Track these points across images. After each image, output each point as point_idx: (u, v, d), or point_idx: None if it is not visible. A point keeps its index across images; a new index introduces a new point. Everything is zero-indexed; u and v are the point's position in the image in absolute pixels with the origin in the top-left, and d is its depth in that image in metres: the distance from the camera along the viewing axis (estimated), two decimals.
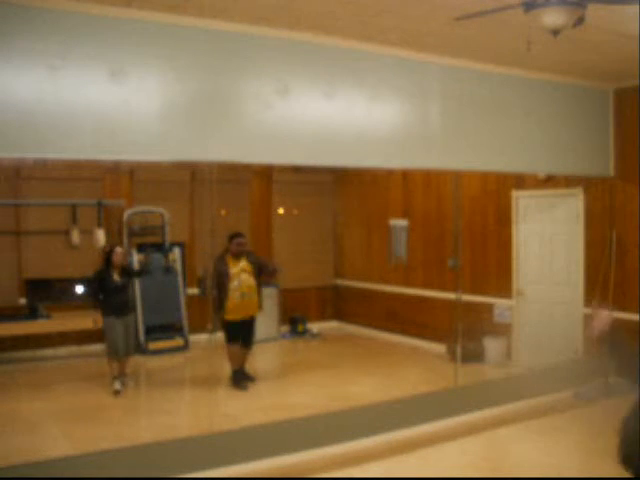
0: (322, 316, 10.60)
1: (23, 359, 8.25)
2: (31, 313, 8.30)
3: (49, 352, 8.53)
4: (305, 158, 5.14)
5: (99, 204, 8.60)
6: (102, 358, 7.31)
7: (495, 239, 8.09)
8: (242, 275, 6.98)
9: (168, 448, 4.55)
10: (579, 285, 7.22)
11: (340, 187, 10.68)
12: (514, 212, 7.82)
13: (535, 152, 6.28)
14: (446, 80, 5.69)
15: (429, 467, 4.93)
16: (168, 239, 9.13)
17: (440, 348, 8.48)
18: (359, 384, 7.20)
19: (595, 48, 5.38)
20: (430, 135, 5.62)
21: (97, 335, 8.20)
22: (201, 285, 7.27)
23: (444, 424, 5.66)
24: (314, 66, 5.02)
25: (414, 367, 8.01)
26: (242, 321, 6.99)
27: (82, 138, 4.09)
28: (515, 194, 7.81)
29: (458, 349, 7.23)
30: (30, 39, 3.90)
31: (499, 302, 7.96)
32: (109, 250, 7.03)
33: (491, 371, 7.69)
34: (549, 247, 7.54)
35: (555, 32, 3.76)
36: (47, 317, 8.25)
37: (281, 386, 7.38)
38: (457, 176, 7.27)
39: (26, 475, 4.02)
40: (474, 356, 7.82)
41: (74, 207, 8.57)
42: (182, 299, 9.07)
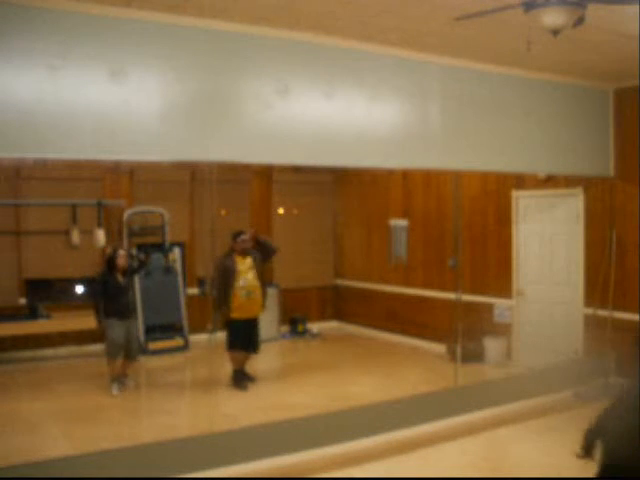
0: (322, 316, 10.60)
1: (23, 359, 8.25)
2: (31, 313, 8.30)
3: (49, 352, 8.53)
4: (305, 158, 5.14)
5: (99, 204, 8.60)
6: (102, 358, 7.30)
7: (495, 239, 8.09)
8: (248, 274, 6.98)
9: (168, 448, 4.55)
10: (579, 285, 7.22)
11: (340, 187, 10.68)
12: (514, 212, 7.81)
13: (535, 152, 6.28)
14: (446, 80, 5.69)
15: (429, 467, 4.93)
16: (168, 239, 9.13)
17: (440, 348, 8.48)
18: (359, 384, 7.20)
19: (595, 48, 5.38)
20: (430, 135, 5.62)
21: (97, 335, 8.21)
22: (202, 285, 7.25)
23: (444, 424, 5.66)
24: (314, 66, 5.02)
25: (414, 367, 8.01)
26: (246, 321, 6.99)
27: (82, 138, 4.09)
28: (515, 194, 7.81)
29: (458, 349, 7.23)
30: (30, 39, 3.90)
31: (499, 302, 7.96)
32: (112, 253, 7.03)
33: (491, 371, 7.68)
34: (549, 247, 7.54)
35: (555, 32, 3.76)
36: (47, 317, 8.25)
37: (281, 386, 7.38)
38: (457, 176, 7.27)
39: (26, 475, 4.02)
40: (474, 356, 7.82)
41: (74, 207, 8.56)
42: (182, 299, 9.06)
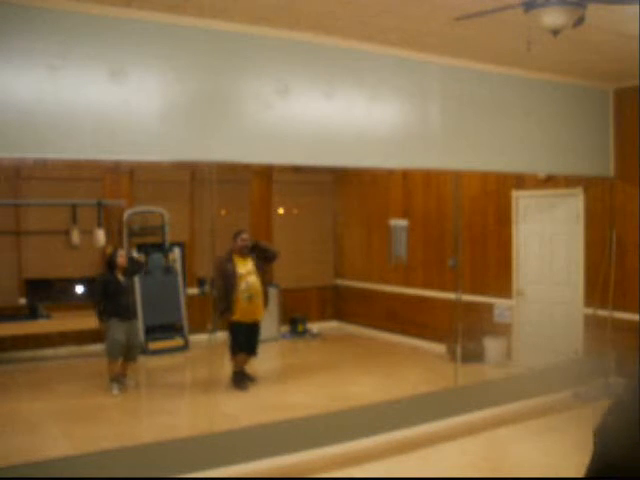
0: (322, 316, 10.60)
1: (23, 359, 8.25)
2: (31, 313, 8.30)
3: (49, 352, 8.52)
4: (305, 158, 5.14)
5: (99, 204, 8.60)
6: (102, 358, 7.30)
7: (495, 239, 8.09)
8: (250, 277, 6.97)
9: (168, 448, 4.55)
10: (579, 285, 7.22)
11: (340, 187, 10.68)
12: (514, 212, 7.82)
13: (535, 152, 6.28)
14: (446, 80, 5.69)
15: (429, 467, 4.93)
16: (168, 239, 9.13)
17: (440, 348, 8.48)
18: (359, 384, 7.20)
19: (595, 48, 5.38)
20: (430, 135, 5.62)
21: (97, 335, 8.21)
22: (202, 285, 7.26)
23: (444, 424, 5.66)
24: (314, 66, 5.02)
25: (414, 367, 8.01)
26: (248, 324, 6.98)
27: (82, 138, 4.09)
28: (515, 194, 7.81)
29: (458, 349, 7.22)
30: (30, 39, 3.90)
31: (499, 302, 7.96)
32: (112, 253, 7.04)
33: (491, 371, 7.69)
34: (549, 247, 7.54)
35: (555, 32, 3.76)
36: (47, 317, 8.25)
37: (281, 386, 7.38)
38: (457, 176, 7.27)
39: (26, 475, 4.02)
40: (474, 356, 7.82)
41: (74, 207, 8.56)
42: (182, 299, 9.06)
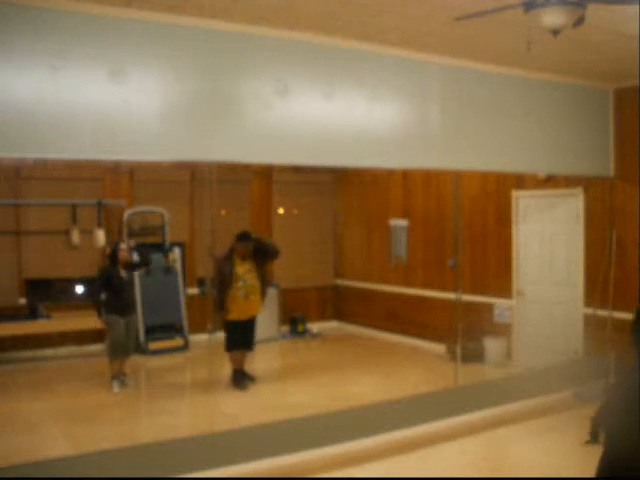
0: (322, 316, 10.60)
1: (23, 359, 8.25)
2: (31, 313, 8.30)
3: (49, 352, 8.53)
4: (305, 158, 5.13)
5: (99, 204, 8.60)
6: (102, 358, 7.31)
7: (495, 239, 8.09)
8: (247, 275, 6.98)
9: (168, 448, 4.55)
10: (579, 285, 7.21)
11: (340, 187, 10.68)
12: (514, 212, 7.81)
13: (535, 152, 6.28)
14: (446, 80, 5.69)
15: (429, 467, 4.93)
16: (168, 239, 9.13)
17: (440, 348, 8.48)
18: (359, 384, 7.20)
19: (595, 48, 5.38)
20: (430, 135, 5.62)
21: (97, 335, 8.22)
22: (202, 285, 7.27)
23: (444, 424, 5.66)
24: (314, 66, 5.01)
25: (414, 367, 8.01)
26: (243, 322, 6.99)
27: (82, 138, 4.08)
28: (515, 194, 7.81)
29: (458, 349, 7.22)
30: (30, 39, 3.90)
31: (499, 302, 7.96)
32: (114, 247, 7.07)
33: (491, 371, 7.68)
34: (549, 247, 7.54)
35: (555, 32, 3.76)
36: (47, 317, 8.25)
37: (281, 386, 7.38)
38: (457, 176, 7.27)
39: (26, 475, 4.02)
40: (474, 356, 7.82)
41: (74, 207, 8.56)
42: (182, 299, 9.07)
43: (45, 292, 8.61)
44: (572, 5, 3.64)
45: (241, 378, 7.04)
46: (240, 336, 6.99)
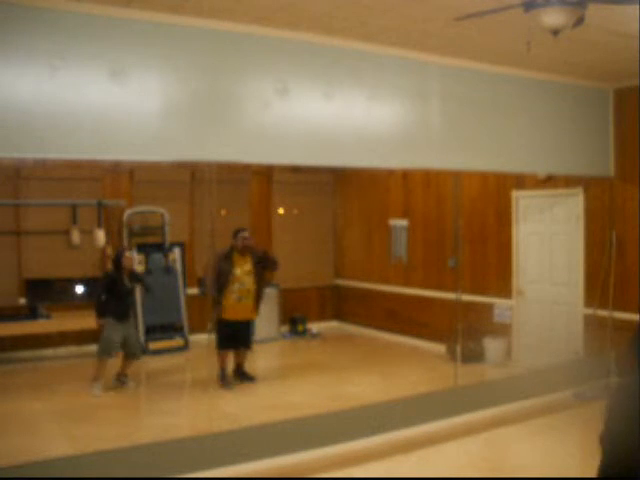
0: (322, 316, 10.60)
1: (23, 359, 8.25)
2: (31, 313, 8.30)
3: (49, 352, 8.53)
4: (305, 158, 5.13)
5: (99, 204, 8.60)
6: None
7: (495, 239, 8.09)
8: (245, 278, 6.97)
9: (168, 448, 4.55)
10: (579, 285, 7.21)
11: (340, 187, 10.68)
12: (514, 212, 7.82)
13: (535, 152, 6.28)
14: (446, 80, 5.69)
15: (429, 467, 4.93)
16: (168, 239, 9.13)
17: (440, 348, 8.48)
18: (359, 384, 7.20)
19: (595, 48, 5.38)
20: (430, 135, 5.62)
21: (97, 335, 8.20)
22: (202, 285, 7.28)
23: (444, 424, 5.66)
24: (314, 66, 5.01)
25: (414, 367, 8.01)
26: (235, 322, 6.98)
27: (82, 138, 4.09)
28: (515, 194, 7.81)
29: (458, 349, 7.23)
30: (30, 39, 3.90)
31: (499, 302, 7.96)
32: (118, 253, 7.11)
33: (491, 371, 7.69)
34: (549, 247, 7.54)
35: (555, 32, 3.76)
36: (47, 317, 8.25)
37: (281, 386, 7.38)
38: (457, 176, 7.27)
39: (26, 475, 4.02)
40: (474, 356, 7.82)
41: (74, 207, 8.57)
42: (182, 299, 9.07)
43: (45, 292, 8.60)
44: (572, 5, 3.64)
45: (226, 376, 7.04)
46: (231, 336, 6.97)
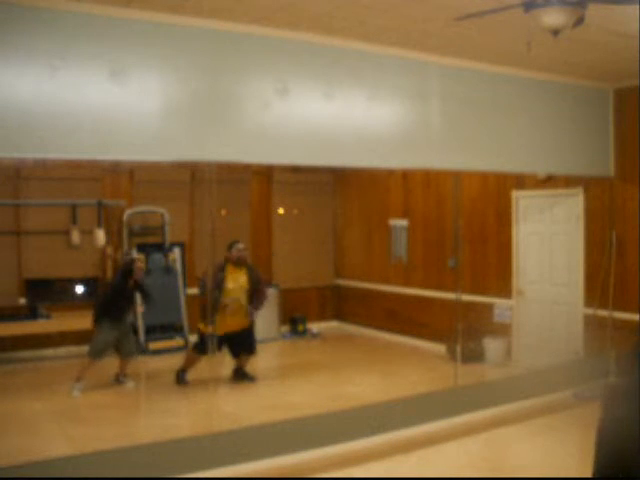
0: (322, 316, 10.60)
1: (23, 359, 8.25)
2: (31, 313, 8.30)
3: (49, 352, 8.53)
4: (305, 158, 5.13)
5: (99, 204, 8.60)
6: (103, 359, 7.31)
7: (495, 239, 8.09)
8: (236, 293, 6.94)
9: (168, 448, 4.55)
10: (579, 285, 7.21)
11: (340, 187, 10.68)
12: (514, 212, 7.82)
13: (535, 152, 6.28)
14: (446, 80, 5.69)
15: (429, 467, 4.93)
16: (168, 239, 9.13)
17: (440, 348, 8.48)
18: (359, 384, 7.20)
19: (595, 48, 5.38)
20: (430, 135, 5.62)
21: None
22: (201, 287, 7.28)
23: (444, 424, 5.66)
24: (314, 66, 5.01)
25: (414, 367, 8.01)
26: (230, 334, 6.93)
27: (82, 138, 4.08)
28: (515, 194, 7.81)
29: (458, 349, 7.23)
30: (30, 39, 3.90)
31: (499, 302, 7.96)
32: (131, 262, 7.18)
33: (491, 371, 7.68)
34: (549, 247, 7.54)
35: (555, 32, 3.76)
36: (47, 317, 8.25)
37: (281, 386, 7.38)
38: (457, 176, 7.27)
39: (26, 475, 4.02)
40: (474, 356, 7.82)
41: (74, 207, 8.56)
42: (182, 299, 9.07)
43: (45, 292, 8.60)
44: (572, 5, 3.64)
45: (183, 377, 7.09)
46: (206, 345, 6.76)
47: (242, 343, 7.13)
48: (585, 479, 4.25)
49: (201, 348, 6.90)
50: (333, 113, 5.08)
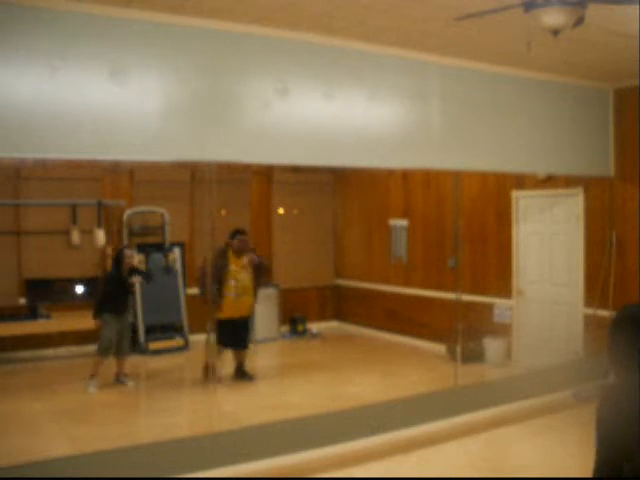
0: (322, 316, 10.60)
1: (23, 359, 8.25)
2: (31, 313, 8.30)
3: (49, 352, 8.52)
4: (305, 158, 5.13)
5: (99, 204, 8.60)
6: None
7: (495, 239, 8.09)
8: (241, 274, 6.97)
9: (168, 448, 4.55)
10: (579, 285, 7.21)
11: (340, 187, 10.68)
12: (514, 212, 7.82)
13: (535, 152, 6.28)
14: (446, 80, 5.69)
15: (429, 467, 4.93)
16: (168, 239, 9.13)
17: (440, 348, 8.48)
18: (359, 384, 7.20)
19: (595, 48, 5.38)
20: (430, 135, 5.62)
21: (97, 335, 8.20)
22: (200, 281, 7.29)
23: (444, 424, 5.66)
24: (314, 66, 5.01)
25: (414, 367, 8.01)
26: (234, 320, 6.97)
27: (82, 138, 4.09)
28: (515, 194, 7.81)
29: (458, 349, 7.22)
30: (30, 39, 3.90)
31: (499, 302, 7.96)
32: (119, 251, 7.21)
33: (491, 371, 7.69)
34: (549, 247, 7.54)
35: (555, 32, 3.76)
36: (47, 317, 8.25)
37: (281, 386, 7.38)
38: (457, 176, 7.27)
39: (26, 475, 4.02)
40: (474, 356, 7.82)
41: (74, 207, 8.57)
42: (182, 299, 9.07)
43: (45, 292, 8.60)
44: (572, 5, 3.64)
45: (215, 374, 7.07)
46: (231, 335, 6.95)
47: (243, 335, 7.12)
48: (585, 479, 4.25)
49: (224, 341, 6.93)
50: (333, 113, 5.08)
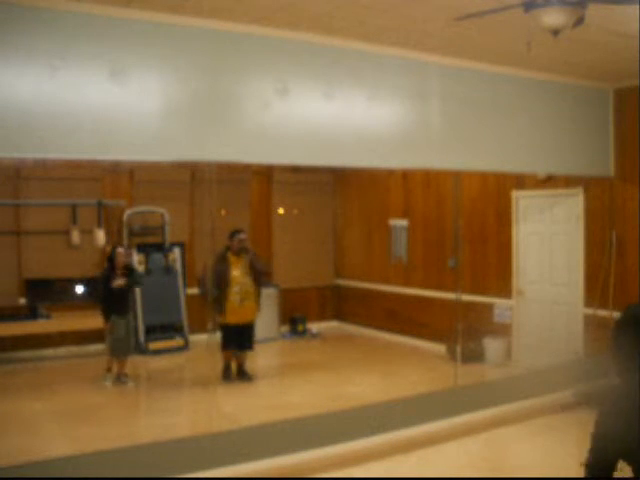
0: (322, 316, 10.60)
1: (23, 359, 8.25)
2: (31, 313, 8.30)
3: (49, 352, 8.53)
4: (305, 158, 5.13)
5: (99, 204, 8.60)
6: (102, 358, 7.31)
7: (495, 239, 8.09)
8: (243, 279, 6.97)
9: (168, 448, 4.55)
10: (579, 285, 7.21)
11: (340, 187, 10.68)
12: (514, 212, 7.82)
13: (535, 152, 6.28)
14: (446, 80, 5.69)
15: (429, 467, 4.93)
16: (168, 239, 9.13)
17: (440, 348, 8.48)
18: (359, 384, 7.20)
19: (595, 48, 5.38)
20: (430, 135, 5.62)
21: (97, 335, 8.21)
22: (201, 286, 7.30)
23: (444, 424, 5.66)
24: (314, 66, 5.01)
25: (414, 367, 8.01)
26: (239, 325, 6.99)
27: (82, 138, 4.09)
28: (515, 194, 7.81)
29: (458, 349, 7.23)
30: (30, 39, 3.90)
31: (499, 302, 7.96)
32: (112, 251, 7.19)
33: (491, 371, 7.68)
34: (549, 247, 7.54)
35: (555, 32, 3.76)
36: (47, 317, 8.25)
37: (281, 386, 7.38)
38: (457, 176, 7.27)
39: (26, 475, 4.02)
40: (474, 356, 7.82)
41: (74, 207, 8.56)
42: (182, 299, 9.07)
43: (45, 292, 8.60)
44: (572, 5, 3.64)
45: (230, 374, 7.15)
46: (235, 338, 7.00)
47: (247, 337, 7.14)
48: (584, 479, 4.25)
49: (228, 343, 7.00)
50: (333, 113, 5.08)
